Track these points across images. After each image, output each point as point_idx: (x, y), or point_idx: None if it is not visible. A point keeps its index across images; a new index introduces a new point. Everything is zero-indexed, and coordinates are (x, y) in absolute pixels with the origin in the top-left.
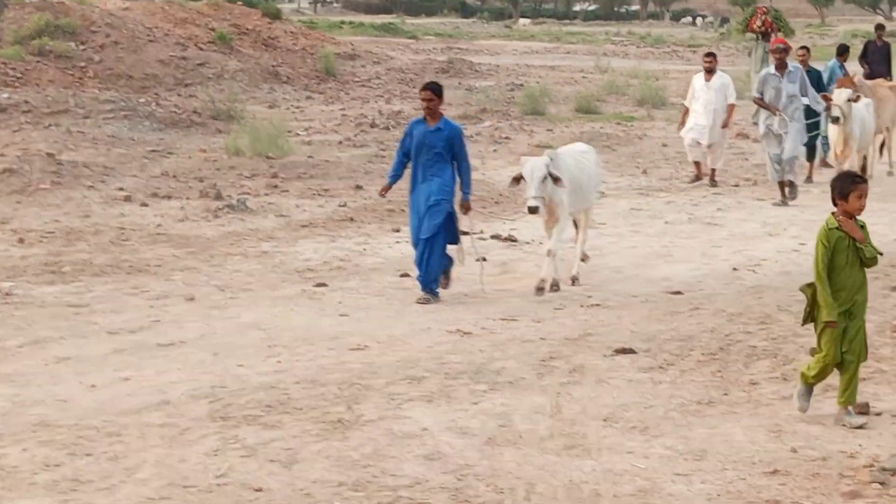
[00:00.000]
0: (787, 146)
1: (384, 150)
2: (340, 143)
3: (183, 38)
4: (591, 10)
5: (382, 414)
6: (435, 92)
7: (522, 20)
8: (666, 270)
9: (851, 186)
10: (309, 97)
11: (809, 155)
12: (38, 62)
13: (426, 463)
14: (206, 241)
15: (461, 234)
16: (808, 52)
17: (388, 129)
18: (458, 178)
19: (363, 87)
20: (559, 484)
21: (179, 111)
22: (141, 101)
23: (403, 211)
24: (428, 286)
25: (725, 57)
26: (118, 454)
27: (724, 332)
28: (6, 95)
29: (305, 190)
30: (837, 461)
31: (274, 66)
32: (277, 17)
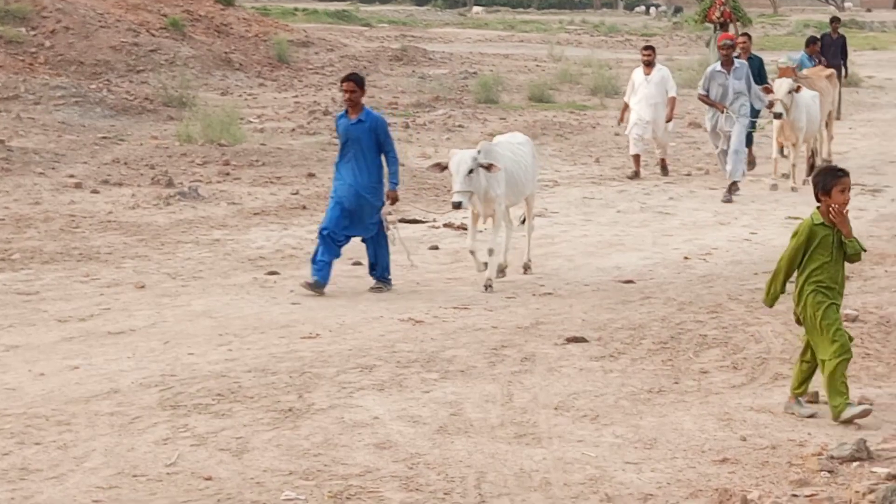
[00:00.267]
0: (732, 141)
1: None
2: (293, 130)
3: (135, 24)
4: None
5: (333, 402)
6: (357, 83)
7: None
8: (617, 259)
9: (833, 181)
10: (262, 84)
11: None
12: None
13: (377, 451)
14: (157, 228)
15: (386, 227)
16: (749, 39)
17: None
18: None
19: (316, 74)
20: (510, 472)
21: (131, 98)
22: (92, 87)
23: None
24: (382, 276)
25: (679, 46)
26: (67, 443)
27: (674, 320)
28: None
29: (258, 177)
30: (786, 450)
31: (226, 52)
32: (230, 3)
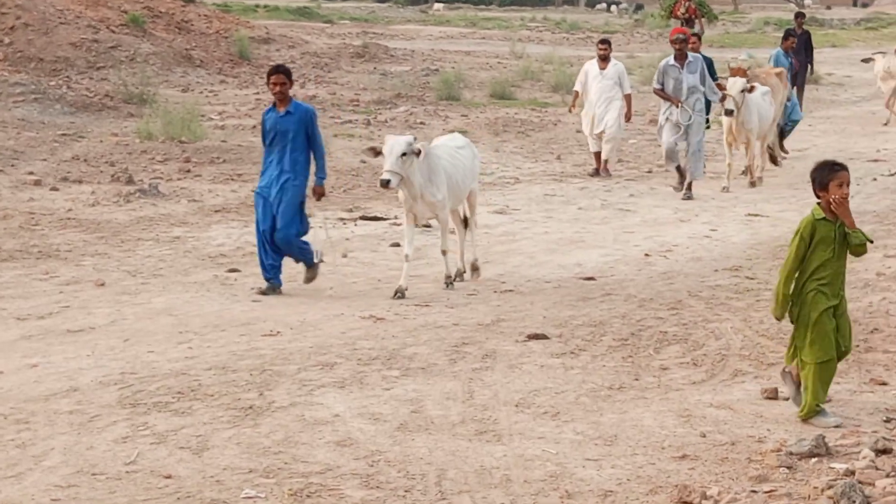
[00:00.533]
0: (690, 140)
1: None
2: (254, 127)
3: (95, 20)
4: None
5: (294, 400)
6: (287, 75)
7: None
8: (578, 256)
9: (830, 175)
10: (223, 81)
11: None
12: None
13: (337, 449)
14: (117, 225)
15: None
16: (699, 38)
17: None
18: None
19: None
20: (470, 469)
21: (91, 94)
22: (52, 84)
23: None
24: (307, 262)
25: (640, 43)
26: (26, 441)
27: (635, 317)
28: None
29: (218, 175)
30: (746, 446)
31: (187, 49)
32: (191, 0)
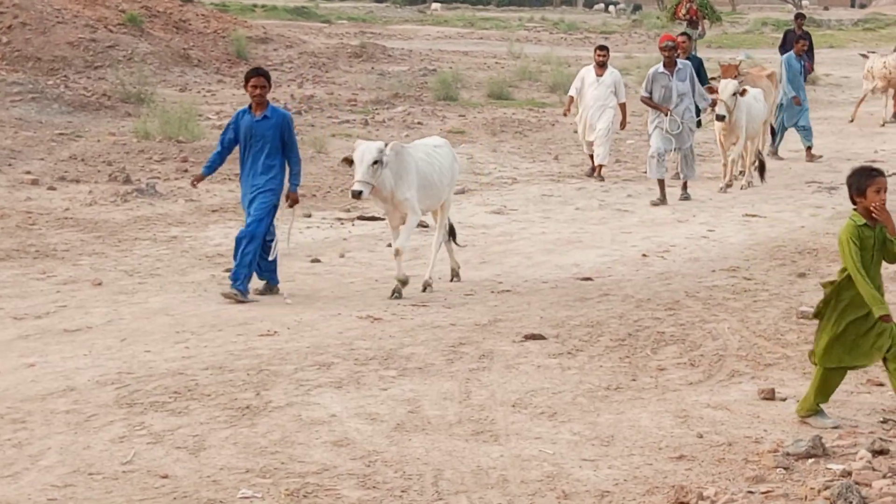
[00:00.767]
0: (681, 147)
1: (297, 134)
2: None
3: (92, 19)
4: None
5: (291, 400)
6: (267, 78)
7: (435, 5)
8: (576, 256)
9: (868, 181)
10: (220, 81)
11: None
12: None
13: (334, 449)
14: (114, 225)
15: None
16: (689, 38)
17: (300, 113)
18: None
19: (275, 71)
20: (467, 470)
21: (88, 94)
22: (49, 83)
23: (315, 196)
24: (237, 284)
25: (638, 44)
26: (22, 441)
27: (632, 318)
28: None
29: (215, 174)
30: (742, 446)
31: (185, 49)
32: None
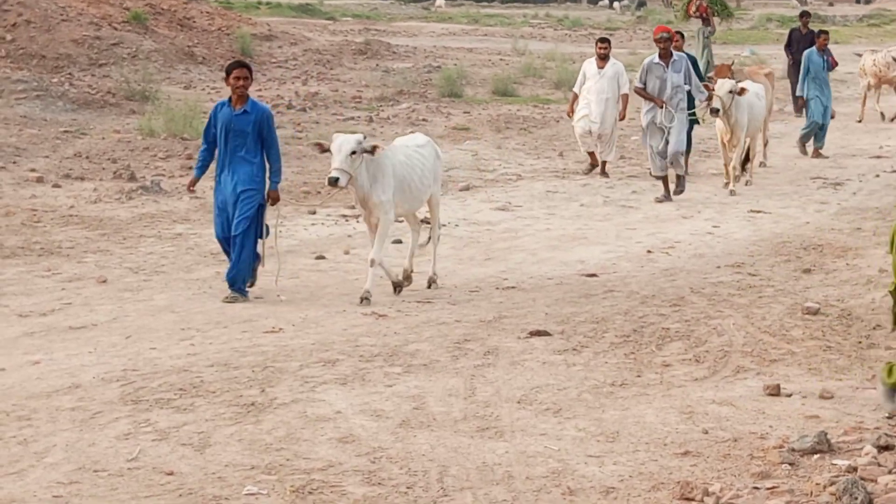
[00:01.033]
0: (671, 139)
1: (300, 131)
2: None
3: (97, 17)
4: None
5: (296, 397)
6: (249, 70)
7: (440, 2)
8: (581, 253)
9: None
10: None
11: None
12: None
13: (339, 446)
14: (119, 222)
15: (267, 228)
16: (682, 37)
17: (304, 110)
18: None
19: (280, 68)
20: (472, 466)
21: (93, 91)
22: (54, 80)
23: (319, 193)
24: (237, 286)
25: (643, 40)
26: (28, 438)
27: (637, 314)
28: None
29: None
30: (748, 442)
31: (189, 46)
32: None
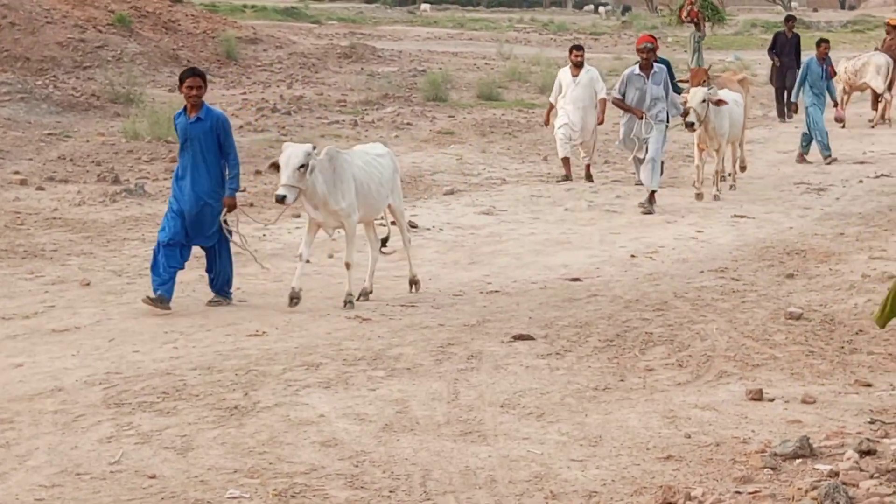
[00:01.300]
0: (650, 147)
1: (285, 135)
2: (241, 127)
3: (81, 20)
4: None
5: (279, 400)
6: (202, 79)
7: (425, 6)
8: (565, 257)
9: None
10: (210, 81)
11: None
12: None
13: (322, 449)
14: (103, 225)
15: (228, 231)
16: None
17: (289, 114)
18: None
19: (265, 71)
20: (455, 470)
21: (77, 94)
22: (38, 83)
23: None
24: (222, 290)
25: (627, 45)
26: (10, 441)
27: (620, 318)
28: None
29: None
30: (730, 447)
31: (174, 49)
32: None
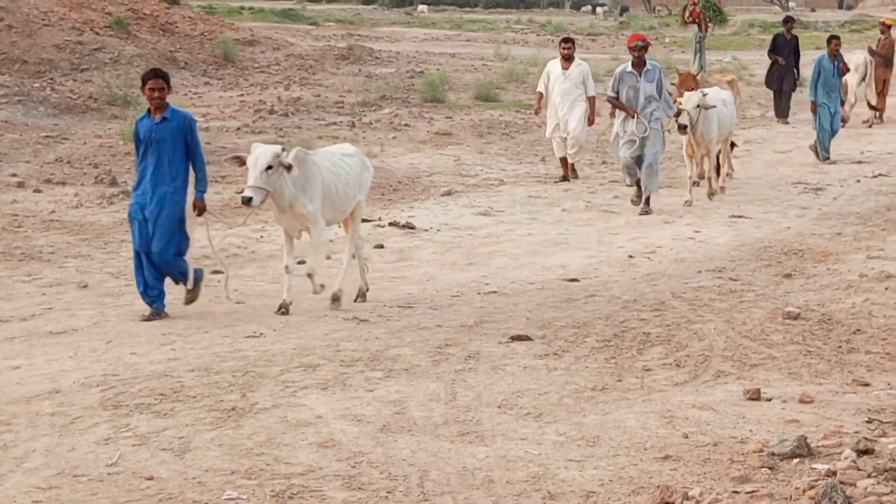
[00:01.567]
0: (647, 152)
1: (283, 136)
2: (238, 129)
3: (79, 22)
4: None
5: (276, 402)
6: (166, 80)
7: (423, 7)
8: (562, 258)
9: None
10: (207, 83)
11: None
12: None
13: (320, 450)
14: (100, 227)
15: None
16: (647, 41)
17: (286, 115)
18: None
19: (262, 73)
20: (453, 471)
21: (75, 96)
22: (35, 86)
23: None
24: (179, 272)
25: (624, 46)
26: (7, 443)
27: (618, 319)
28: None
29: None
30: (728, 447)
31: (172, 51)
32: (175, 2)
